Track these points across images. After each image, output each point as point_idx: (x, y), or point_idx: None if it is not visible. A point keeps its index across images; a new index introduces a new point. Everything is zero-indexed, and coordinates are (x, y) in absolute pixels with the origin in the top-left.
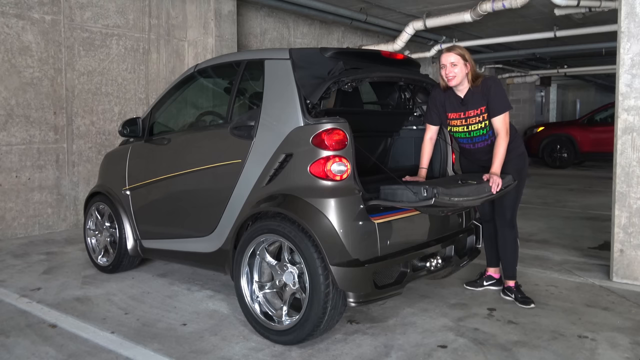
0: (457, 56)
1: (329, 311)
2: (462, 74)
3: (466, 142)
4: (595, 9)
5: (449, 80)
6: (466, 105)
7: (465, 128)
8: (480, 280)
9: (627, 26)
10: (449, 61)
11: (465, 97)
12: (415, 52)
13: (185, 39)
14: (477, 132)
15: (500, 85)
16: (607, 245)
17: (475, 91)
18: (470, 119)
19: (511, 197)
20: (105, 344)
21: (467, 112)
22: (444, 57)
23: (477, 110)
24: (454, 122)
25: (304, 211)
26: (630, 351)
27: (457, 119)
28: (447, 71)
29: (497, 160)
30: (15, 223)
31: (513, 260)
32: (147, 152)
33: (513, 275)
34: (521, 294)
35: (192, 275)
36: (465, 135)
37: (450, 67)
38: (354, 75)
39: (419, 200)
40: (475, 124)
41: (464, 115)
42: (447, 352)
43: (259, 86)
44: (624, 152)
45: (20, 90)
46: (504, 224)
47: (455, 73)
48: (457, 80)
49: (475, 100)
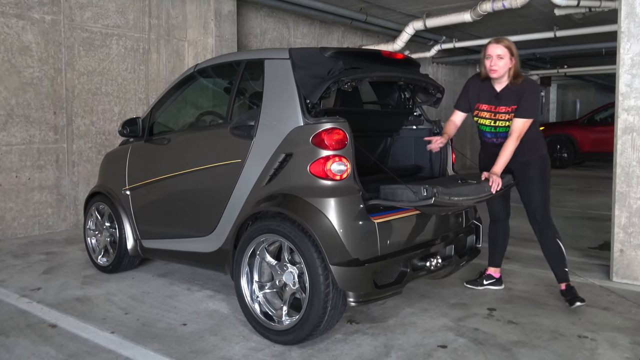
0: (505, 49)
1: (329, 311)
2: (506, 67)
3: (490, 136)
4: (595, 9)
5: (491, 71)
6: (499, 100)
7: (492, 122)
8: (480, 279)
9: (627, 26)
10: (496, 53)
11: (501, 92)
12: (415, 52)
13: (185, 39)
14: (503, 129)
15: (538, 92)
16: (607, 245)
17: (512, 89)
18: (499, 115)
19: (538, 197)
20: (105, 344)
21: (499, 107)
22: (491, 48)
23: (509, 108)
24: (482, 114)
25: (304, 211)
26: (630, 351)
27: (486, 111)
28: (492, 62)
29: (501, 160)
30: (15, 223)
31: (561, 262)
32: (147, 152)
33: (563, 278)
34: (571, 294)
35: (192, 275)
36: (491, 129)
37: (497, 59)
38: (354, 75)
39: (418, 200)
40: (502, 121)
41: (495, 110)
42: (447, 352)
43: (258, 86)
44: (624, 152)
45: (20, 90)
46: (539, 227)
47: (499, 66)
48: (499, 73)
49: (509, 98)
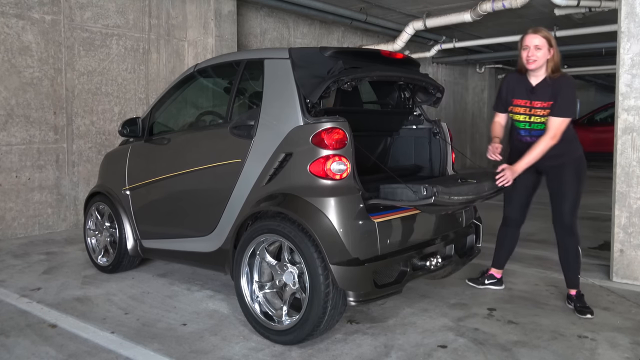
0: (543, 39)
1: (329, 311)
2: (544, 59)
3: (524, 133)
4: (595, 9)
5: (529, 63)
6: (535, 95)
7: (527, 117)
8: (482, 278)
9: (627, 26)
10: (533, 43)
11: (537, 86)
12: (415, 52)
13: (185, 39)
14: (538, 126)
15: (574, 89)
16: (607, 245)
17: (549, 83)
18: (534, 110)
19: (570, 201)
20: (105, 344)
21: (534, 102)
22: (529, 39)
23: (545, 103)
24: (517, 109)
25: (304, 210)
26: (630, 351)
27: (521, 106)
28: (529, 53)
29: (528, 158)
30: (15, 223)
31: (575, 269)
32: (147, 152)
33: (575, 284)
34: (580, 303)
35: (192, 275)
36: (525, 125)
37: (534, 49)
38: (354, 75)
39: (418, 199)
40: (538, 117)
41: (530, 104)
42: (447, 352)
43: (258, 86)
44: (624, 152)
45: (20, 90)
46: (564, 232)
47: (537, 57)
48: (537, 64)
49: (545, 93)
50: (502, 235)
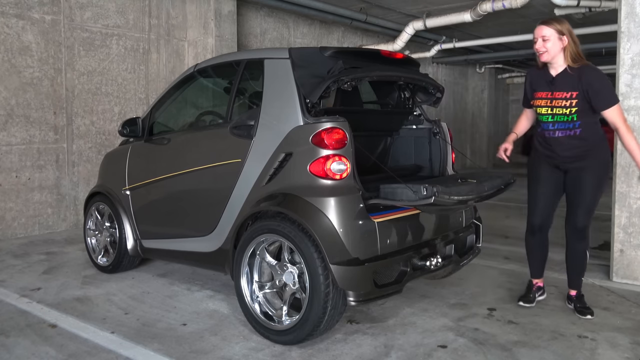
0: (551, 29)
1: (329, 311)
2: (556, 49)
3: (547, 127)
4: (595, 9)
5: (539, 55)
6: (555, 85)
7: (549, 110)
8: (533, 294)
9: (627, 26)
10: (541, 34)
11: (557, 76)
12: (415, 52)
13: (185, 39)
14: (562, 118)
15: (602, 74)
16: (607, 245)
17: (572, 72)
18: (556, 101)
19: (586, 206)
20: (105, 344)
21: (555, 92)
22: (537, 30)
23: (567, 93)
24: (539, 102)
25: (304, 210)
26: (630, 351)
27: (543, 98)
28: (537, 46)
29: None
30: (15, 223)
31: (580, 271)
32: (147, 152)
33: (577, 286)
34: (580, 303)
35: (192, 275)
36: (548, 118)
37: (542, 41)
38: (354, 75)
39: (418, 199)
40: (560, 108)
41: (551, 96)
42: (447, 352)
43: (258, 86)
44: (624, 152)
45: (20, 90)
46: (575, 235)
47: (546, 48)
48: (548, 56)
49: (567, 83)
50: (531, 245)
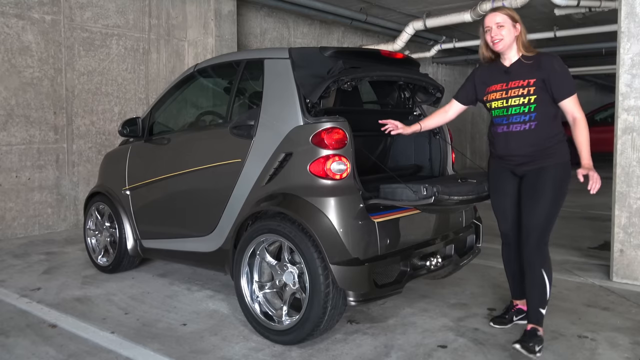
0: (505, 16)
1: (329, 311)
2: (511, 37)
3: (501, 122)
4: (595, 9)
5: (494, 44)
6: (510, 75)
7: (504, 102)
8: (510, 315)
9: (627, 26)
10: (495, 22)
11: (512, 65)
12: (415, 52)
13: (185, 39)
14: (516, 109)
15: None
16: (607, 245)
17: (528, 61)
18: (512, 91)
19: (540, 217)
20: (105, 344)
21: (510, 82)
22: (489, 18)
23: (524, 81)
24: (493, 96)
25: (304, 210)
26: (630, 351)
27: (497, 91)
28: (492, 34)
29: (584, 150)
30: (15, 223)
31: (538, 299)
32: (147, 152)
33: (534, 319)
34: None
35: (192, 275)
36: (503, 112)
37: (497, 28)
38: (354, 75)
39: (418, 199)
40: (516, 97)
41: (506, 87)
42: (447, 352)
43: (258, 85)
44: (624, 152)
45: (20, 90)
46: (529, 251)
47: (502, 35)
48: (504, 44)
49: (523, 71)
50: (506, 258)
